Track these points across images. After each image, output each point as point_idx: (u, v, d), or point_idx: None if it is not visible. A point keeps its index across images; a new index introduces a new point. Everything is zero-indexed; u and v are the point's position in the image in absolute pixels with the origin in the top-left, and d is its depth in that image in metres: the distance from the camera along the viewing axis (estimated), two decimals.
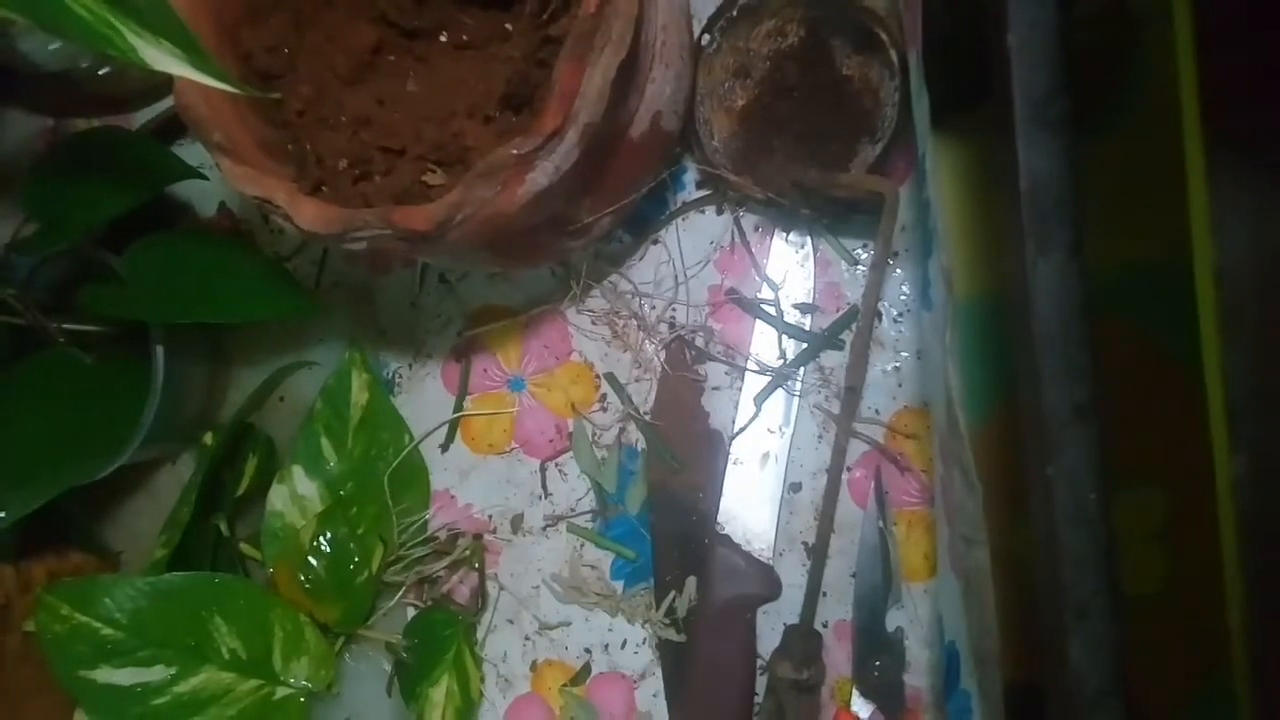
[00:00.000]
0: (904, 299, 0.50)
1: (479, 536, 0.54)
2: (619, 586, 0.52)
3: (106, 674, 0.48)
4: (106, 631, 0.48)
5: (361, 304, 0.57)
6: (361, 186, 0.43)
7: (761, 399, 0.50)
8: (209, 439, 0.55)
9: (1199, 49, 0.32)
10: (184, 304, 0.50)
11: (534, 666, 0.53)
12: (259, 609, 0.50)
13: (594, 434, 0.53)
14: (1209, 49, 0.32)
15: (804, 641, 0.47)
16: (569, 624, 0.53)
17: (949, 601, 0.39)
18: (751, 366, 0.51)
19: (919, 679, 0.48)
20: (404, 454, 0.54)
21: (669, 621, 0.50)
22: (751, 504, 0.50)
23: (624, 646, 0.52)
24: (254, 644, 0.50)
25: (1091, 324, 0.30)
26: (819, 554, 0.48)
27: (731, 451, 0.51)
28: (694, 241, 0.52)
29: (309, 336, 0.57)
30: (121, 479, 0.57)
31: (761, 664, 0.49)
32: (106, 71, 0.57)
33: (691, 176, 0.53)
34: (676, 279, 0.52)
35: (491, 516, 0.54)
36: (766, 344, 0.51)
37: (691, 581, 0.50)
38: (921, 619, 0.48)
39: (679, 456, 0.51)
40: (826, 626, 0.49)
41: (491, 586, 0.54)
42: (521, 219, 0.39)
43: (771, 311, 0.51)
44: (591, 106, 0.37)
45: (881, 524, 0.48)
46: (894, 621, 0.48)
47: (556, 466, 0.54)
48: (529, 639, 0.53)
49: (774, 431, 0.50)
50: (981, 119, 0.44)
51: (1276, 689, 0.31)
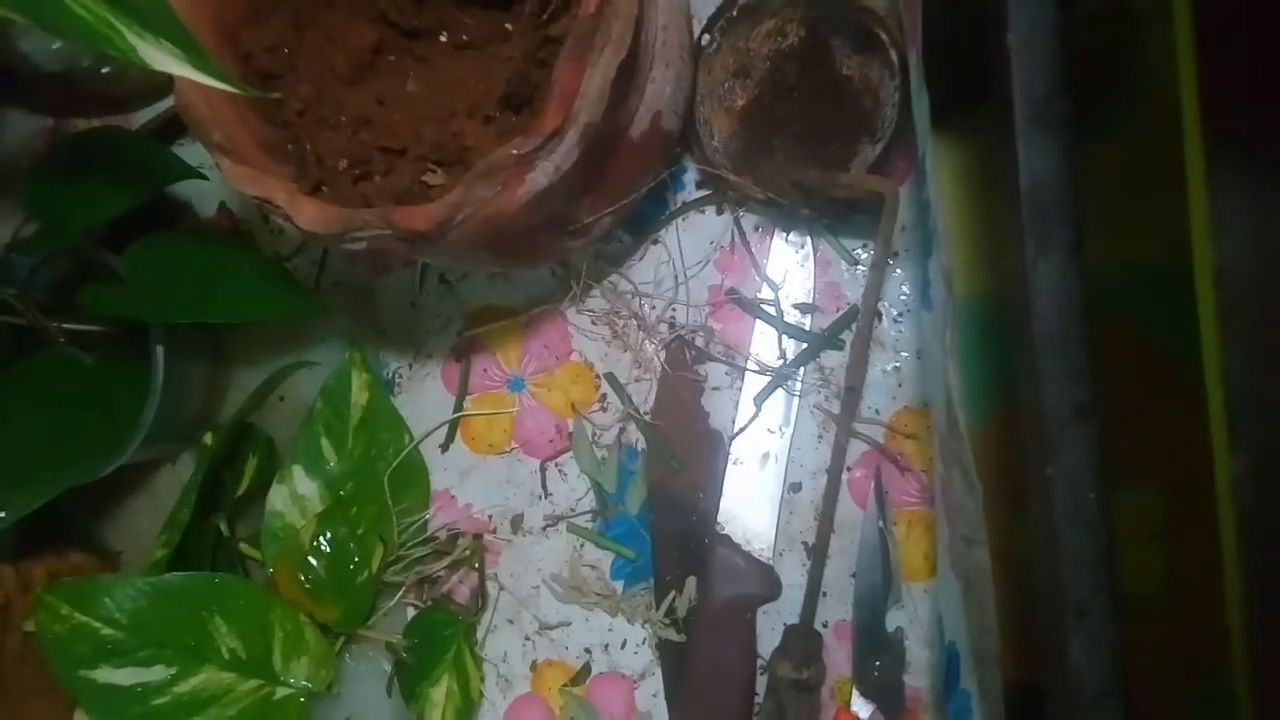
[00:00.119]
0: (904, 299, 0.50)
1: (479, 536, 0.54)
2: (619, 586, 0.52)
3: (106, 674, 0.48)
4: (106, 631, 0.48)
5: (361, 304, 0.57)
6: (361, 186, 0.43)
7: (761, 399, 0.50)
8: (209, 439, 0.55)
9: (1199, 49, 0.32)
10: (184, 304, 0.50)
11: (534, 666, 0.53)
12: (259, 609, 0.50)
13: (594, 434, 0.53)
14: (1209, 49, 0.32)
15: (804, 641, 0.47)
16: (569, 624, 0.53)
17: (949, 601, 0.39)
18: (751, 366, 0.51)
19: (919, 679, 0.48)
20: (404, 454, 0.54)
21: (669, 621, 0.50)
22: (751, 504, 0.50)
23: (624, 646, 0.52)
24: (254, 644, 0.50)
25: (1091, 324, 0.30)
26: (819, 554, 0.48)
27: (731, 451, 0.51)
28: (694, 241, 0.52)
29: (309, 336, 0.57)
30: (121, 479, 0.57)
31: (761, 664, 0.49)
32: (107, 71, 0.57)
33: (691, 176, 0.53)
34: (676, 279, 0.52)
35: (491, 516, 0.54)
36: (766, 344, 0.51)
37: (691, 581, 0.50)
38: (921, 619, 0.48)
39: (679, 456, 0.51)
40: (826, 626, 0.49)
41: (491, 586, 0.54)
42: (521, 219, 0.39)
43: (771, 311, 0.51)
44: (591, 106, 0.37)
45: (881, 524, 0.48)
46: (894, 621, 0.48)
47: (556, 466, 0.54)
48: (529, 639, 0.53)
49: (774, 431, 0.50)
50: (981, 119, 0.44)
51: (1276, 689, 0.31)
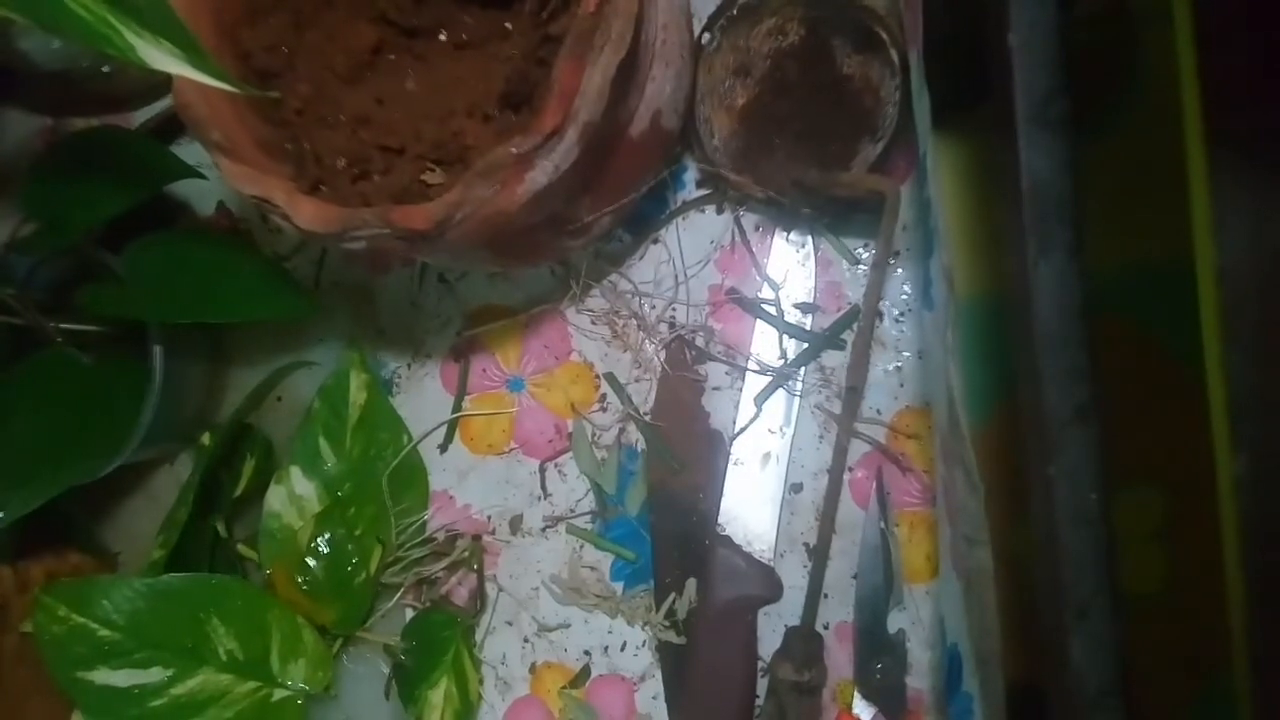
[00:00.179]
0: (905, 298, 0.49)
1: (478, 537, 0.54)
2: (619, 588, 0.52)
3: (104, 675, 0.48)
4: (104, 633, 0.48)
5: (360, 303, 0.57)
6: (360, 185, 0.43)
7: (762, 399, 0.50)
8: (207, 439, 0.55)
9: (1199, 48, 0.32)
10: (182, 304, 0.49)
11: (533, 668, 0.53)
12: (256, 610, 0.50)
13: (594, 434, 0.53)
14: (1209, 48, 0.32)
15: (805, 643, 0.47)
16: (568, 626, 0.53)
17: (951, 603, 0.39)
18: (752, 366, 0.51)
19: (921, 681, 0.48)
20: (402, 454, 0.53)
21: (669, 623, 0.50)
22: (752, 505, 0.50)
23: (624, 648, 0.52)
24: (251, 645, 0.50)
25: (1092, 324, 0.30)
26: (820, 555, 0.48)
27: (732, 452, 0.50)
28: (694, 241, 0.52)
29: (307, 336, 0.57)
30: (120, 479, 0.57)
31: (762, 666, 0.49)
32: (107, 70, 0.56)
33: (692, 175, 0.53)
34: (677, 278, 0.52)
35: (490, 517, 0.54)
36: (767, 344, 0.51)
37: (692, 583, 0.50)
38: (923, 620, 0.48)
39: (679, 457, 0.51)
40: (828, 628, 0.49)
41: (490, 588, 0.54)
42: (521, 218, 0.39)
43: (772, 311, 0.51)
44: (591, 105, 0.37)
45: (883, 525, 0.48)
46: (896, 623, 0.48)
47: (556, 467, 0.54)
48: (528, 641, 0.53)
49: (775, 432, 0.50)
50: (982, 118, 0.44)
51: (1277, 689, 0.31)
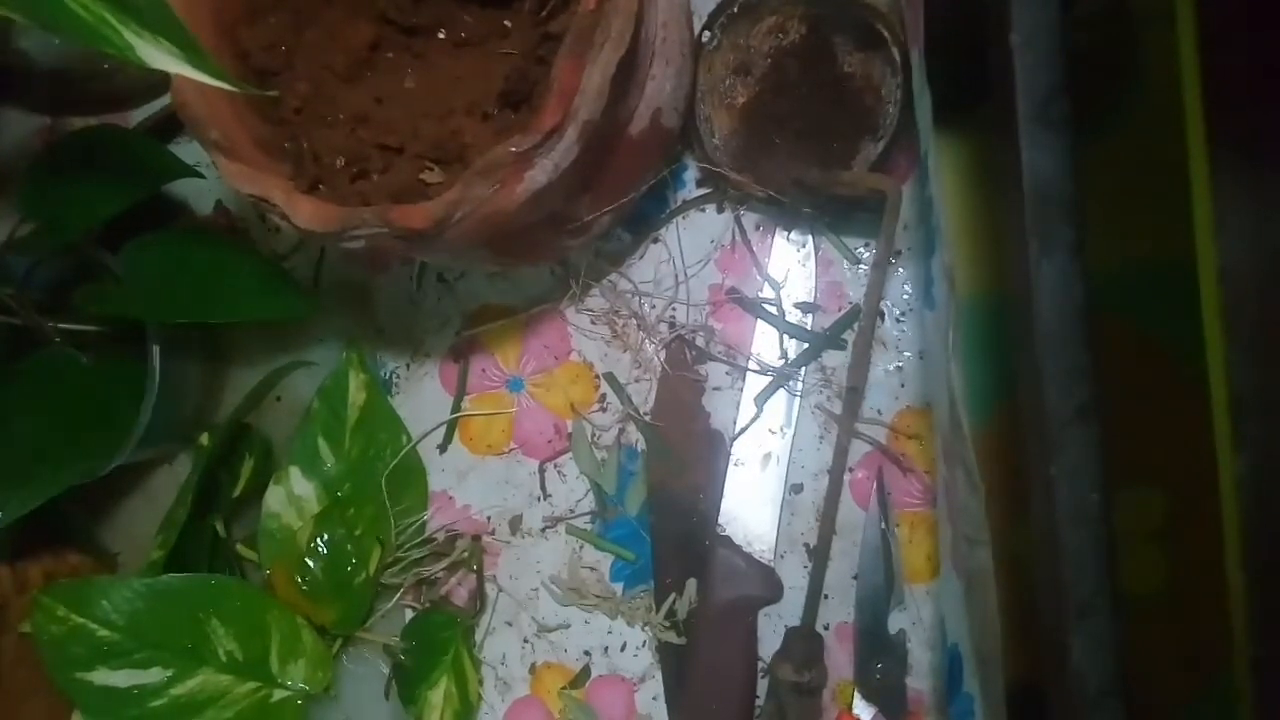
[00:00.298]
0: (906, 298, 0.49)
1: (477, 538, 0.54)
2: (619, 588, 0.52)
3: (103, 676, 0.48)
4: (103, 633, 0.48)
5: (359, 303, 0.57)
6: (359, 184, 0.42)
7: (763, 399, 0.50)
8: (206, 439, 0.55)
9: (1201, 48, 0.32)
10: (181, 303, 0.49)
11: (533, 669, 0.53)
12: (256, 611, 0.50)
13: (593, 434, 0.52)
14: (1211, 48, 0.32)
15: (805, 644, 0.47)
16: (568, 626, 0.53)
17: (952, 603, 0.39)
18: (752, 366, 0.51)
19: (921, 681, 0.47)
20: (402, 454, 0.53)
21: (669, 624, 0.50)
22: (752, 505, 0.50)
23: (624, 649, 0.52)
24: (251, 646, 0.49)
25: (1092, 324, 0.30)
26: (820, 555, 0.48)
27: (732, 452, 0.50)
28: (694, 240, 0.52)
29: (306, 336, 0.57)
30: (119, 480, 0.57)
31: (762, 666, 0.49)
32: (107, 66, 0.56)
33: (692, 174, 0.52)
34: (677, 278, 0.52)
35: (490, 518, 0.54)
36: (768, 344, 0.51)
37: (692, 583, 0.49)
38: (924, 621, 0.48)
39: (679, 457, 0.51)
40: (828, 629, 0.49)
41: (490, 588, 0.53)
42: (520, 217, 0.39)
43: (773, 311, 0.51)
44: (591, 104, 0.37)
45: (884, 525, 0.48)
46: (896, 624, 0.48)
47: (555, 467, 0.53)
48: (528, 641, 0.53)
49: (775, 432, 0.50)
50: (984, 117, 0.44)
51: (1278, 690, 0.31)
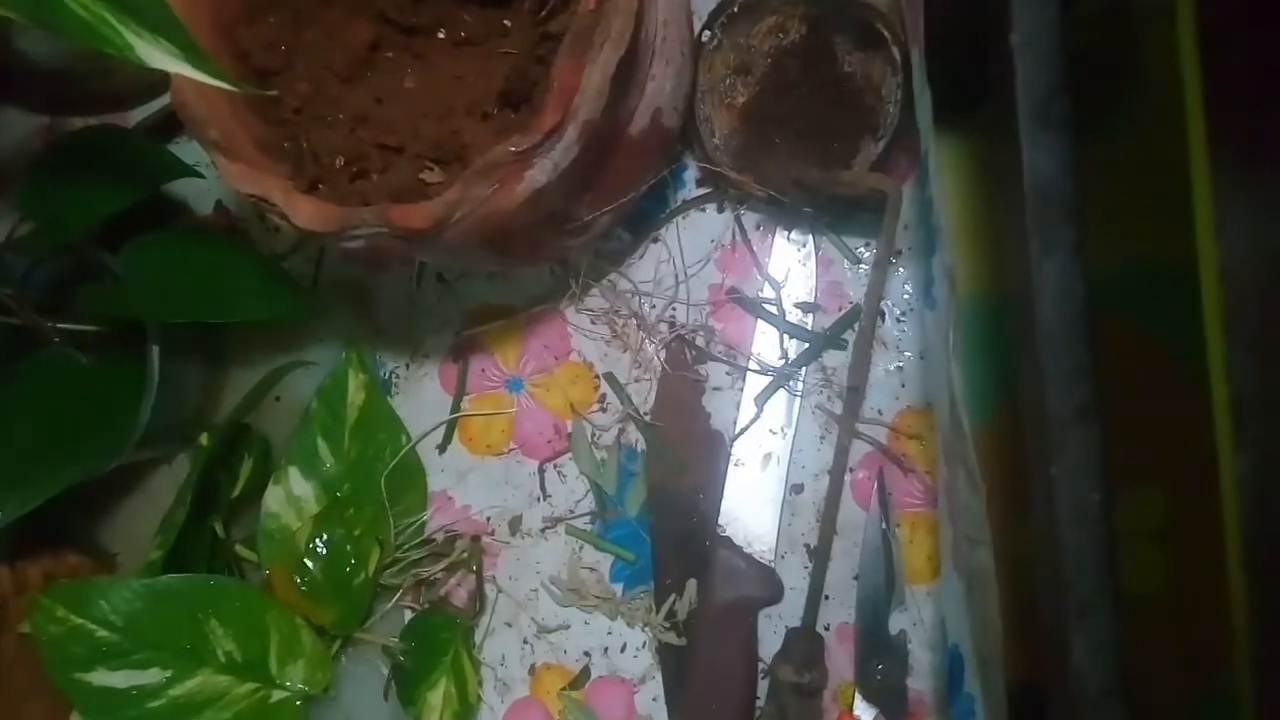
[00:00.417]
0: (907, 298, 0.49)
1: (477, 538, 0.54)
2: (618, 589, 0.52)
3: (102, 676, 0.48)
4: (102, 634, 0.48)
5: (359, 303, 0.57)
6: (359, 184, 0.42)
7: (763, 399, 0.50)
8: (205, 440, 0.55)
9: (1202, 48, 0.32)
10: (180, 303, 0.49)
11: (532, 670, 0.53)
12: (255, 611, 0.50)
13: (593, 435, 0.52)
14: (1212, 48, 0.32)
15: (806, 644, 0.47)
16: (568, 627, 0.52)
17: (952, 604, 0.39)
18: (753, 366, 0.51)
19: (922, 682, 0.47)
20: (401, 455, 0.53)
21: (669, 625, 0.50)
22: (753, 505, 0.50)
23: (624, 650, 0.52)
24: (250, 647, 0.49)
25: (1093, 324, 0.30)
26: (821, 556, 0.48)
27: (733, 452, 0.50)
28: (694, 240, 0.52)
29: (306, 336, 0.57)
30: (118, 480, 0.57)
31: (763, 667, 0.49)
32: (105, 67, 0.56)
33: (692, 174, 0.52)
34: (677, 278, 0.52)
35: (489, 518, 0.54)
36: (768, 344, 0.51)
37: (692, 584, 0.49)
38: (925, 622, 0.48)
39: (679, 457, 0.51)
40: (829, 629, 0.49)
41: (490, 589, 0.53)
42: (520, 217, 0.39)
43: (773, 311, 0.50)
44: (591, 103, 0.37)
45: (884, 525, 0.48)
46: (897, 624, 0.48)
47: (555, 468, 0.53)
48: (527, 642, 0.53)
49: (775, 432, 0.50)
50: (984, 117, 0.44)
51: (1279, 690, 0.30)
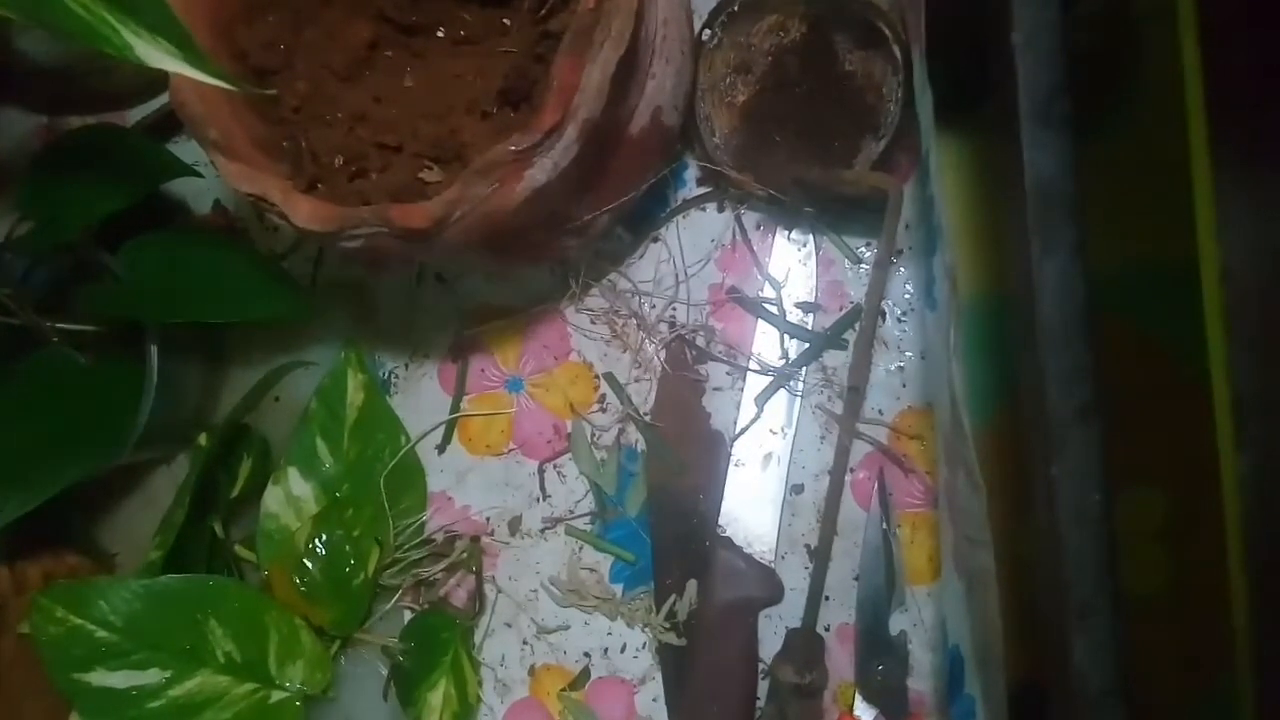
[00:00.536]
0: (908, 298, 0.49)
1: (476, 539, 0.53)
2: (618, 590, 0.52)
3: (101, 677, 0.48)
4: (101, 634, 0.48)
5: (358, 303, 0.56)
6: (358, 184, 0.42)
7: (763, 399, 0.50)
8: (204, 440, 0.55)
9: (1203, 48, 0.32)
10: (179, 303, 0.49)
11: (532, 670, 0.53)
12: (254, 612, 0.50)
13: (593, 435, 0.52)
14: (1213, 48, 0.32)
15: (806, 645, 0.47)
16: (568, 628, 0.52)
17: (953, 604, 0.39)
18: (753, 366, 0.51)
19: (922, 683, 0.47)
20: (400, 455, 0.53)
21: (669, 625, 0.50)
22: (753, 506, 0.50)
23: (624, 650, 0.52)
24: (249, 647, 0.49)
25: (1094, 324, 0.30)
26: (821, 556, 0.47)
27: (733, 453, 0.50)
28: (695, 239, 0.52)
29: (305, 336, 0.57)
30: (117, 480, 0.57)
31: (763, 668, 0.49)
32: (105, 66, 0.56)
33: (692, 173, 0.52)
34: (677, 277, 0.52)
35: (489, 518, 0.54)
36: (768, 343, 0.51)
37: (692, 585, 0.49)
38: (925, 622, 0.48)
39: (679, 458, 0.51)
40: (829, 630, 0.49)
41: (489, 589, 0.53)
42: (519, 216, 0.39)
43: (773, 310, 0.50)
44: (590, 102, 0.37)
45: (885, 526, 0.48)
46: (897, 625, 0.48)
47: (555, 468, 0.53)
48: (527, 643, 0.53)
49: (776, 432, 0.50)
50: (985, 116, 0.44)
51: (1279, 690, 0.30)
